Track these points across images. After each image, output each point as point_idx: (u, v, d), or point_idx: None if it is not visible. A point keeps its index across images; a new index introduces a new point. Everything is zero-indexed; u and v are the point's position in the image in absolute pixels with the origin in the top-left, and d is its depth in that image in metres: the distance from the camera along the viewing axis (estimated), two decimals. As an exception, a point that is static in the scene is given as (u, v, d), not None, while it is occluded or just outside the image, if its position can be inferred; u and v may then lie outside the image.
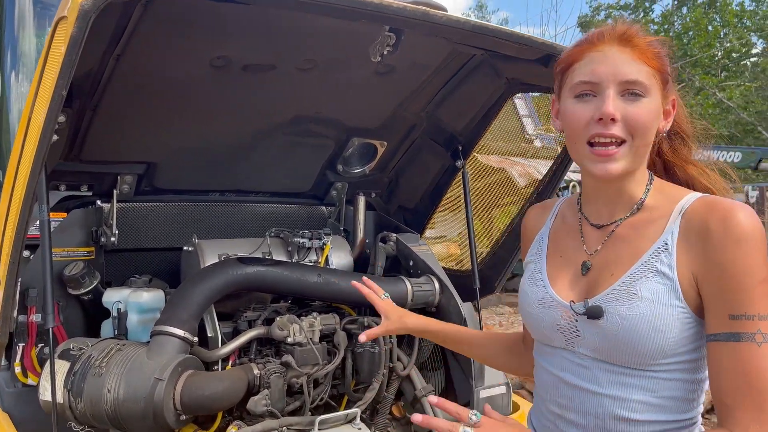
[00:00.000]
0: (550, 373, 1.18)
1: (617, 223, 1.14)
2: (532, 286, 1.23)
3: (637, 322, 1.02)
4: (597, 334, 1.08)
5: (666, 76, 1.09)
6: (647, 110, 1.05)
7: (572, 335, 1.13)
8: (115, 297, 2.12)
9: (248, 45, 1.92)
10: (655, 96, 1.07)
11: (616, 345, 1.05)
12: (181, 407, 1.79)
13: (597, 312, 1.07)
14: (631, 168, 1.08)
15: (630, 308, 1.03)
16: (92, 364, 1.80)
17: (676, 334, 1.01)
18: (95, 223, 2.32)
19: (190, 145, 2.35)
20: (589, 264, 1.15)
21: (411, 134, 2.71)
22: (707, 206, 1.03)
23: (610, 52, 1.06)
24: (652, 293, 1.02)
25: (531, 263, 1.28)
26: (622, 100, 1.05)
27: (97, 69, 1.83)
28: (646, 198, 1.12)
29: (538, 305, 1.19)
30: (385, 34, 1.73)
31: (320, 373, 2.10)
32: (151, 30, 1.72)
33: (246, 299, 2.28)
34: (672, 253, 1.03)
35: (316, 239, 2.49)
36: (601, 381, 1.09)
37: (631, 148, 1.06)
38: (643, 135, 1.06)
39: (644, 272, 1.05)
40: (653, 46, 1.07)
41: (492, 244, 2.77)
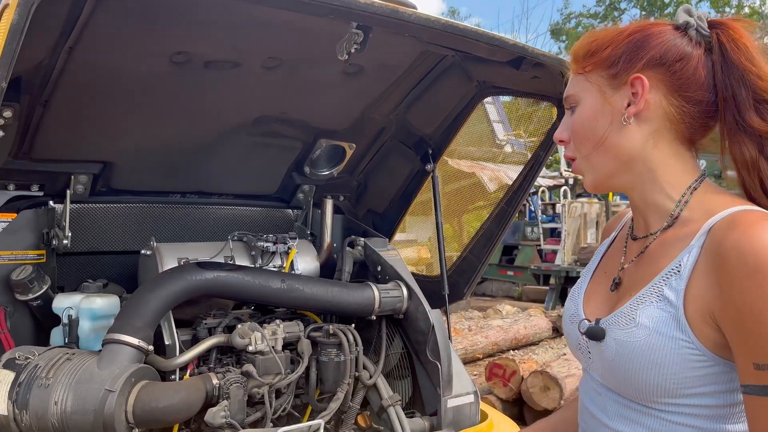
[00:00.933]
0: (581, 393, 1.13)
1: (651, 237, 1.03)
2: (570, 301, 1.17)
3: (630, 351, 0.92)
4: (600, 358, 1.01)
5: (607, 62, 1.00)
6: (578, 118, 1.04)
7: (586, 356, 1.06)
8: (66, 303, 2.02)
9: (210, 41, 1.85)
10: (588, 98, 1.03)
11: (613, 372, 0.97)
12: (134, 420, 1.70)
13: (597, 333, 0.99)
14: (606, 175, 1.03)
15: (626, 334, 0.94)
16: (38, 375, 1.71)
17: (678, 371, 0.88)
18: (47, 225, 2.21)
19: (149, 144, 2.26)
20: (618, 279, 1.06)
21: (380, 137, 2.66)
22: (730, 223, 0.87)
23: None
24: (652, 320, 0.91)
25: (581, 278, 1.20)
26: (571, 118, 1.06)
27: (48, 62, 1.74)
28: (683, 209, 0.98)
29: (569, 321, 1.13)
30: (352, 32, 1.67)
31: (283, 383, 2.03)
32: (106, 21, 1.64)
33: (206, 306, 2.20)
34: (683, 278, 0.90)
35: (281, 243, 2.41)
36: (609, 411, 1.01)
37: (584, 159, 1.04)
38: (583, 142, 1.03)
39: (650, 296, 0.94)
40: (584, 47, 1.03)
41: (462, 249, 2.74)
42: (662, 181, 1.00)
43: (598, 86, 1.01)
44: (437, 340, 2.21)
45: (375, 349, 2.34)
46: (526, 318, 7.52)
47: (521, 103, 9.40)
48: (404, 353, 2.35)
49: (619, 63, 0.99)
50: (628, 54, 0.99)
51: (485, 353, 6.66)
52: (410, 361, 2.34)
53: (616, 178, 1.03)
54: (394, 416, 2.12)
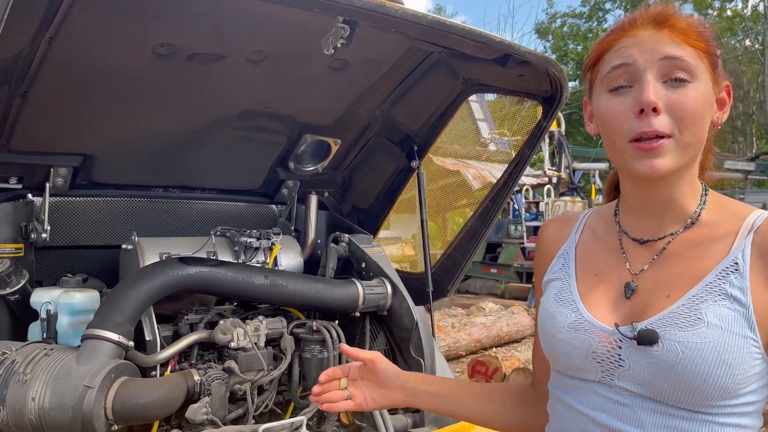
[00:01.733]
0: (575, 410, 1.00)
1: (669, 238, 0.98)
2: (560, 306, 1.04)
3: (701, 352, 0.86)
4: (648, 364, 0.90)
5: (715, 59, 0.94)
6: (695, 96, 0.90)
7: (612, 365, 0.95)
8: (45, 297, 1.99)
9: (194, 33, 1.82)
10: (704, 80, 0.92)
11: (670, 378, 0.88)
12: (113, 416, 1.68)
13: (651, 337, 0.89)
14: (681, 166, 0.92)
15: (694, 334, 0.87)
16: (16, 370, 1.68)
17: (745, 370, 0.86)
18: (25, 218, 2.17)
19: (131, 137, 2.22)
20: (635, 286, 0.98)
21: (365, 133, 2.65)
22: None
23: (645, 35, 0.92)
24: (721, 319, 0.87)
25: (556, 281, 1.09)
26: (665, 87, 0.90)
27: (27, 52, 1.70)
28: (702, 211, 0.97)
29: (569, 329, 1.00)
30: (338, 26, 1.66)
31: (265, 380, 2.02)
32: (87, 11, 1.61)
33: (188, 301, 2.18)
34: (745, 276, 0.88)
35: (264, 239, 2.40)
36: (644, 423, 0.91)
37: (679, 143, 0.90)
38: (693, 127, 0.90)
39: (710, 294, 0.89)
40: (695, 26, 0.93)
41: (446, 246, 2.74)
42: (694, 185, 0.98)
43: (709, 73, 0.94)
44: (421, 336, 2.22)
45: (359, 346, 2.34)
46: (509, 316, 7.56)
47: (505, 102, 9.42)
48: (388, 350, 2.36)
49: (718, 66, 0.96)
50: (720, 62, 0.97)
51: (468, 350, 6.70)
52: (394, 358, 2.34)
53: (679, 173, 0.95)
54: (376, 413, 2.11)
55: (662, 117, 0.89)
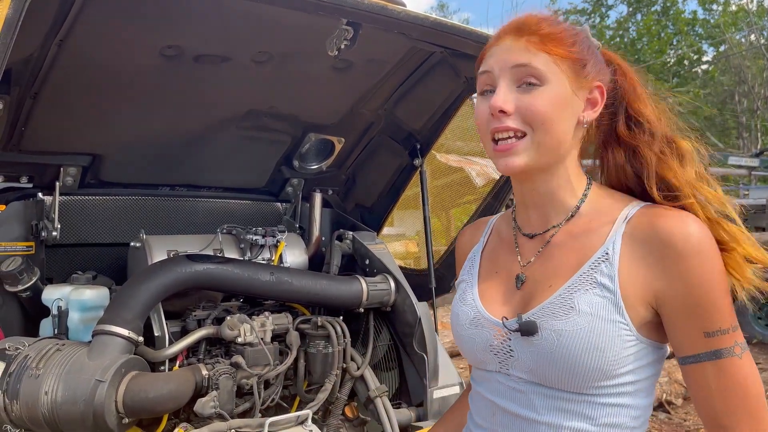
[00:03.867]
0: (485, 398, 1.10)
1: (554, 230, 1.07)
2: (462, 305, 1.15)
3: (574, 339, 0.94)
4: (532, 353, 1.00)
5: (577, 62, 1.01)
6: (544, 98, 0.98)
7: (506, 356, 1.04)
8: (56, 294, 2.03)
9: (201, 35, 1.85)
10: (557, 84, 0.99)
11: (551, 365, 0.97)
12: (124, 410, 1.71)
13: (531, 328, 0.99)
14: (538, 163, 1.01)
15: (566, 323, 0.95)
16: (29, 365, 1.72)
17: (616, 352, 0.94)
18: (36, 217, 2.21)
19: (139, 137, 2.26)
20: (524, 277, 1.07)
21: (369, 131, 2.68)
22: (656, 216, 0.97)
23: (506, 45, 1.01)
24: (591, 306, 0.95)
25: (462, 283, 1.21)
26: (519, 91, 0.99)
27: (38, 54, 1.74)
28: (583, 204, 1.06)
29: (470, 326, 1.11)
30: (342, 28, 1.69)
31: (271, 374, 2.05)
32: (97, 14, 1.64)
33: (195, 297, 2.21)
34: (614, 264, 0.96)
35: (269, 236, 2.43)
36: (537, 407, 1.01)
37: (533, 142, 0.99)
38: (543, 126, 0.99)
39: (583, 284, 0.98)
40: (555, 34, 1.00)
41: (449, 243, 2.77)
42: (572, 180, 1.07)
43: (567, 77, 1.00)
44: (424, 332, 2.24)
45: (363, 341, 2.37)
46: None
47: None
48: (391, 345, 2.38)
49: (587, 66, 1.03)
50: (595, 62, 1.05)
51: (472, 347, 6.70)
52: (397, 353, 2.37)
53: (544, 170, 1.04)
54: (380, 407, 2.15)
55: (514, 118, 0.99)
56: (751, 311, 7.64)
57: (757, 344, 7.44)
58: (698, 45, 25.58)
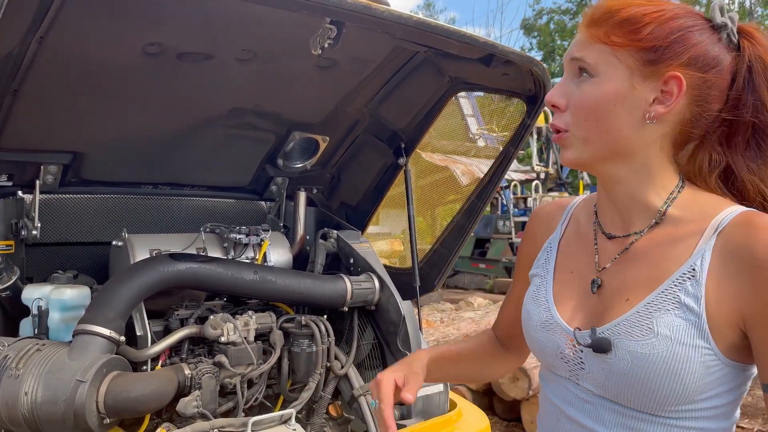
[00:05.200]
0: (553, 403, 1.04)
1: (635, 236, 0.96)
2: (535, 305, 1.07)
3: (650, 363, 0.86)
4: (603, 370, 0.92)
5: (648, 49, 0.89)
6: (590, 93, 0.91)
7: (576, 366, 0.97)
8: (36, 294, 2.00)
9: (184, 32, 1.84)
10: (609, 77, 0.90)
11: (624, 385, 0.90)
12: (105, 410, 1.70)
13: (604, 345, 0.90)
14: (592, 158, 0.94)
15: (644, 345, 0.87)
16: (8, 365, 1.70)
17: (698, 379, 0.85)
18: (15, 215, 2.18)
19: (121, 135, 2.24)
20: (599, 281, 0.98)
21: (353, 130, 2.68)
22: (751, 225, 0.85)
23: (578, 37, 0.95)
24: (672, 330, 0.86)
25: (536, 277, 1.11)
26: (574, 84, 0.94)
27: (18, 51, 1.71)
28: (670, 207, 0.93)
29: (541, 328, 1.03)
30: (325, 26, 1.69)
31: (255, 373, 2.04)
32: (77, 11, 1.62)
33: (178, 297, 2.20)
34: (701, 282, 0.86)
35: (253, 235, 2.43)
36: (605, 421, 0.94)
37: (578, 138, 0.93)
38: (587, 122, 0.91)
39: (664, 303, 0.88)
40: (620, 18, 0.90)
41: (434, 242, 2.77)
42: (658, 181, 0.95)
43: (628, 68, 0.90)
44: (408, 330, 2.25)
45: (347, 340, 2.38)
46: (498, 310, 7.62)
47: (494, 98, 9.47)
48: (376, 344, 2.39)
49: (659, 51, 0.89)
50: (672, 45, 0.89)
51: (456, 345, 6.74)
52: (381, 352, 2.38)
53: (605, 166, 0.96)
54: (365, 405, 2.15)
55: (565, 113, 0.94)
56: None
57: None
58: (681, 46, 25.82)
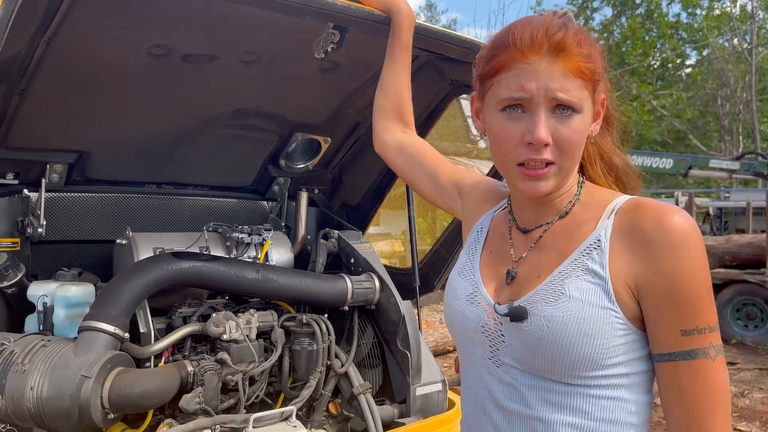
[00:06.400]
0: (478, 395, 1.08)
1: (544, 227, 1.07)
2: (461, 279, 1.15)
3: (564, 325, 0.93)
4: (522, 339, 0.99)
5: (597, 81, 1.00)
6: (579, 129, 0.97)
7: (497, 340, 1.04)
8: (41, 291, 2.04)
9: (189, 34, 1.87)
10: (587, 109, 0.99)
11: (540, 351, 0.96)
12: (109, 405, 1.73)
13: (521, 313, 0.98)
14: (561, 185, 1.03)
15: (556, 309, 0.95)
16: (14, 361, 1.72)
17: (606, 340, 0.92)
18: (21, 213, 2.22)
19: (125, 135, 2.27)
20: (514, 272, 1.07)
21: (355, 131, 2.71)
22: (641, 208, 0.97)
23: (541, 66, 0.95)
24: (581, 292, 0.94)
25: (464, 254, 1.20)
26: (554, 118, 0.96)
27: (26, 52, 1.74)
28: (578, 201, 1.06)
29: (466, 300, 1.11)
30: (329, 31, 1.72)
31: (256, 371, 2.07)
32: (85, 13, 1.65)
33: (181, 295, 2.23)
34: (605, 251, 0.96)
35: (255, 235, 2.45)
36: (528, 400, 0.99)
37: (562, 170, 0.99)
38: (573, 156, 0.99)
39: (574, 270, 0.97)
40: (585, 54, 0.96)
41: (434, 242, 2.80)
42: (570, 183, 1.06)
43: (590, 97, 0.99)
44: (407, 330, 2.27)
45: (347, 339, 2.40)
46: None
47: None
48: (375, 343, 2.41)
49: (601, 80, 1.01)
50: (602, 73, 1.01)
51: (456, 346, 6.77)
52: (381, 351, 2.40)
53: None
54: (364, 403, 2.18)
55: (549, 148, 0.97)
56: (729, 311, 7.78)
57: (736, 344, 7.55)
58: (681, 49, 25.88)
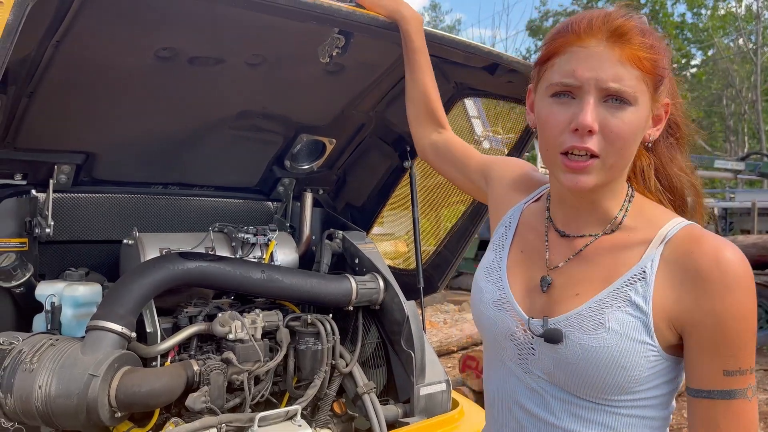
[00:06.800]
0: (502, 393, 1.08)
1: (588, 238, 1.02)
2: (488, 282, 1.11)
3: (599, 356, 0.92)
4: (554, 358, 0.98)
5: (659, 78, 0.95)
6: (630, 122, 0.92)
7: (526, 351, 1.02)
8: (49, 290, 2.06)
9: (195, 37, 1.88)
10: (642, 104, 0.94)
11: (571, 375, 0.96)
12: (117, 404, 1.75)
13: (556, 336, 0.96)
14: (605, 182, 0.97)
15: (594, 339, 0.93)
16: (23, 360, 1.74)
17: (640, 372, 0.92)
18: (29, 214, 2.24)
19: (132, 136, 2.29)
20: (550, 280, 1.03)
21: (360, 133, 2.72)
22: (695, 241, 0.93)
23: (596, 51, 0.92)
24: (621, 325, 0.92)
25: (491, 251, 1.16)
26: (605, 108, 0.92)
27: (35, 55, 1.76)
28: (625, 217, 1.01)
29: (494, 306, 1.08)
30: (334, 36, 1.73)
31: (261, 370, 2.09)
32: (93, 17, 1.67)
33: (187, 295, 2.24)
34: (649, 284, 0.93)
35: (261, 235, 2.47)
36: (554, 410, 1.00)
37: (606, 164, 0.94)
38: (621, 150, 0.94)
39: (615, 300, 0.94)
40: (647, 48, 0.92)
41: (438, 243, 2.81)
42: (617, 190, 1.02)
43: (649, 94, 0.95)
44: (411, 330, 2.28)
45: (351, 339, 2.41)
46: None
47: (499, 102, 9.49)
48: (380, 343, 2.42)
49: (662, 84, 0.96)
50: (669, 76, 0.98)
51: (459, 346, 6.78)
52: (385, 351, 2.41)
53: (609, 185, 1.00)
54: (368, 403, 2.19)
55: (596, 138, 0.92)
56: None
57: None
58: (687, 49, 25.80)
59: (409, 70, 1.57)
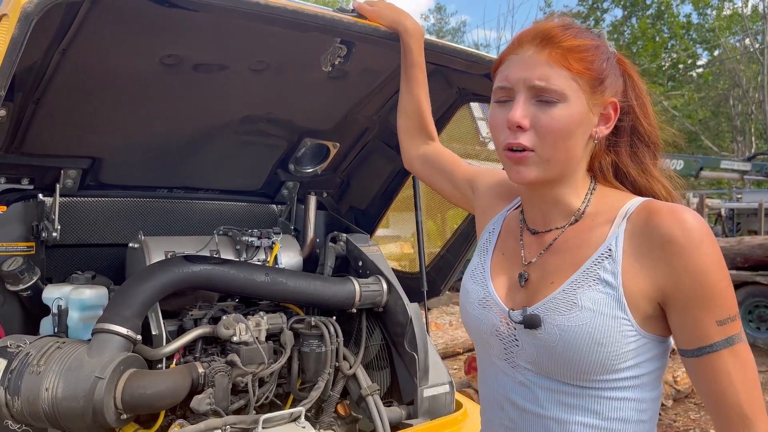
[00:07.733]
0: (493, 392, 1.13)
1: (556, 232, 1.08)
2: (473, 283, 1.17)
3: (576, 334, 0.96)
4: (535, 345, 1.02)
5: (597, 78, 1.01)
6: (560, 118, 0.99)
7: (511, 344, 1.07)
8: (56, 293, 2.08)
9: (200, 45, 1.91)
10: (575, 101, 1.00)
11: (553, 358, 0.99)
12: (122, 406, 1.77)
13: (534, 321, 1.01)
14: (549, 175, 1.03)
15: (569, 318, 0.97)
16: (30, 362, 1.76)
17: (617, 347, 0.96)
18: (36, 218, 2.27)
19: (137, 141, 2.31)
20: (526, 275, 1.09)
21: (363, 137, 2.74)
22: (653, 211, 0.98)
23: (527, 55, 1.01)
24: (594, 303, 0.97)
25: (476, 256, 1.22)
26: (536, 106, 1.00)
27: (42, 62, 1.79)
28: (588, 207, 1.07)
29: (479, 305, 1.13)
30: (336, 46, 1.75)
31: (266, 372, 2.10)
32: (98, 26, 1.69)
33: (192, 297, 2.26)
34: (617, 260, 0.98)
35: (265, 238, 2.49)
36: (542, 401, 1.03)
37: (541, 158, 1.01)
38: (554, 144, 1.00)
39: (586, 280, 0.99)
40: (576, 49, 1.00)
41: (443, 245, 2.82)
42: (578, 185, 1.08)
43: (584, 93, 1.00)
44: (415, 332, 2.29)
45: (355, 341, 2.43)
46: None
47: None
48: (383, 345, 2.44)
49: (604, 82, 1.03)
50: (613, 77, 1.05)
51: (465, 348, 6.78)
52: (389, 353, 2.43)
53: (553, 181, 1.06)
54: (372, 405, 2.20)
55: (529, 133, 1.00)
56: (741, 313, 7.72)
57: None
58: (693, 49, 25.71)
59: (405, 83, 1.60)
